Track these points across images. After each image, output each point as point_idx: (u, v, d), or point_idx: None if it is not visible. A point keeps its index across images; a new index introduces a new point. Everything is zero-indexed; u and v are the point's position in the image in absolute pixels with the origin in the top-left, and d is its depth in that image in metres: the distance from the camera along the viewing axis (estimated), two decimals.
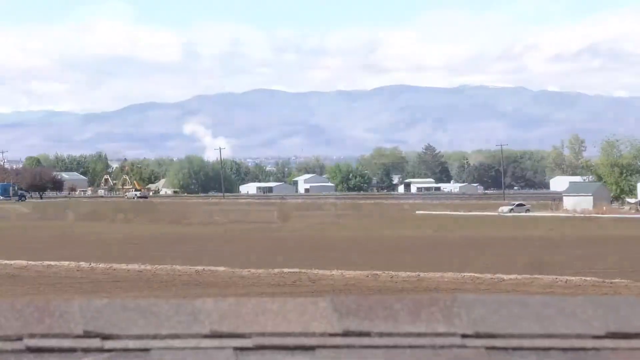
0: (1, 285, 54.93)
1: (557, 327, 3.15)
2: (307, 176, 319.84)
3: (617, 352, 3.07)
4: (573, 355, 3.06)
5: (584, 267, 61.76)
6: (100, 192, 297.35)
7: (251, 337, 3.04)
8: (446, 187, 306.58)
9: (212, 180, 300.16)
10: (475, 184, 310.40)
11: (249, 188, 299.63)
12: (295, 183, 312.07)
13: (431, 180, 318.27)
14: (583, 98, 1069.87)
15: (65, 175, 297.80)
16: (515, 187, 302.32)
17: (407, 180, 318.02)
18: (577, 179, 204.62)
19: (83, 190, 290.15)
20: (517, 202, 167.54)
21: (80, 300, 3.13)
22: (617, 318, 3.19)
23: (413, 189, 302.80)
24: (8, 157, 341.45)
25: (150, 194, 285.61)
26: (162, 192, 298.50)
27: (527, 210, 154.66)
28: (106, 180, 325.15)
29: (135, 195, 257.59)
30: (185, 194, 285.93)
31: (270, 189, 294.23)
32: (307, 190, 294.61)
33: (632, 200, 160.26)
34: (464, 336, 3.09)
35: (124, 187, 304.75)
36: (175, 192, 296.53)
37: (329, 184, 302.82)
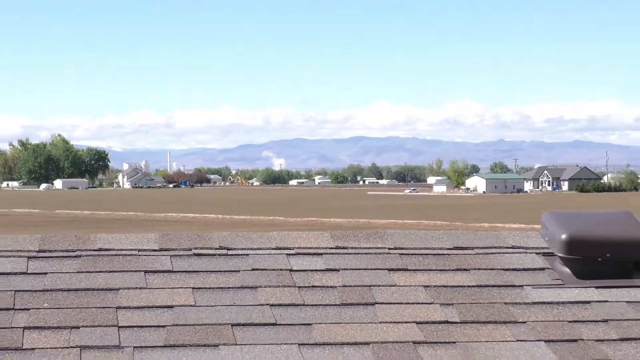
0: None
1: (431, 244, 3.16)
2: (319, 177, 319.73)
3: (459, 255, 3.12)
4: (438, 256, 3.10)
5: (443, 217, 61.85)
6: (227, 184, 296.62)
7: (294, 249, 3.07)
8: (381, 181, 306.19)
9: (276, 179, 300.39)
10: (394, 180, 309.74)
11: (293, 183, 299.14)
12: (314, 180, 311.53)
13: (374, 178, 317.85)
14: (442, 143, 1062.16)
15: (211, 176, 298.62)
16: (411, 182, 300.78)
17: (364, 179, 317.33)
18: (440, 178, 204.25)
19: (219, 184, 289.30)
20: (412, 188, 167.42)
21: (218, 232, 3.20)
22: (458, 239, 3.21)
23: (367, 182, 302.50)
24: (185, 168, 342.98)
25: (248, 185, 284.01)
26: (255, 184, 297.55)
27: (417, 192, 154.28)
28: (229, 178, 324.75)
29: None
30: (264, 184, 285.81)
31: (302, 183, 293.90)
32: (319, 183, 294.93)
33: (463, 187, 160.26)
34: (389, 249, 3.12)
35: (237, 181, 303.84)
36: (260, 184, 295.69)
37: (329, 180, 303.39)
